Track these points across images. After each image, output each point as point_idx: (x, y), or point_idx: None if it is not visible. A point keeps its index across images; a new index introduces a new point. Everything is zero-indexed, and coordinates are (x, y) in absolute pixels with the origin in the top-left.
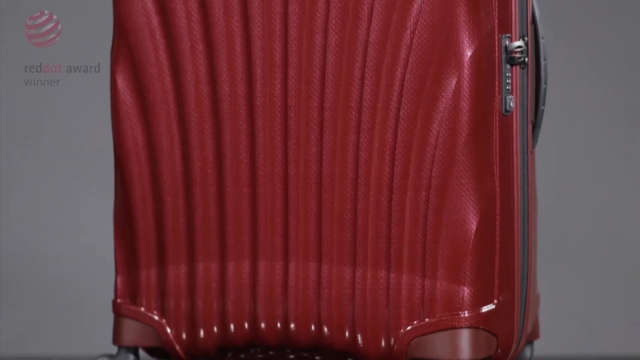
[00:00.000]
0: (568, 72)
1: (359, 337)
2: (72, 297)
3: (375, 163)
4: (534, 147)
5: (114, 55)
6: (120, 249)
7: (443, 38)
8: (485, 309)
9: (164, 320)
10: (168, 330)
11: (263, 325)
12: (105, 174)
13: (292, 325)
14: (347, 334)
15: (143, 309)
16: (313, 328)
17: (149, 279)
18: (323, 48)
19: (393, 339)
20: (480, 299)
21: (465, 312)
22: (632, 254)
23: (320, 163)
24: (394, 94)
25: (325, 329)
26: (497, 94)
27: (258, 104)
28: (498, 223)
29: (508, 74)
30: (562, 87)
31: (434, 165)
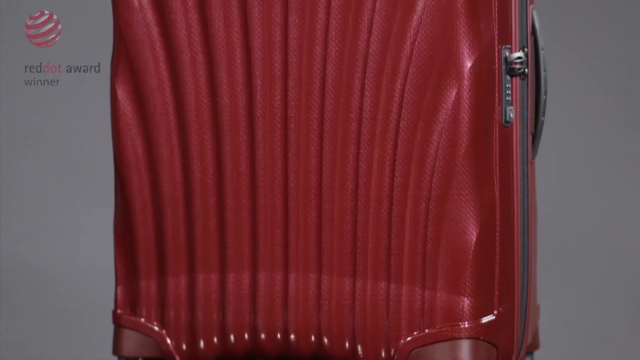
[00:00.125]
0: (567, 77)
1: (359, 347)
2: (72, 302)
3: (375, 174)
4: (534, 158)
5: (114, 66)
6: (120, 259)
7: (443, 49)
8: (485, 320)
9: (164, 331)
10: (168, 341)
11: (263, 336)
12: (105, 174)
13: (292, 336)
14: (347, 345)
15: (143, 320)
16: (313, 339)
17: (149, 290)
18: (323, 59)
19: (393, 350)
20: (480, 310)
21: (465, 322)
22: (631, 261)
23: (320, 174)
24: (394, 105)
25: (326, 340)
26: (497, 105)
27: (258, 115)
28: (498, 234)
29: (508, 85)
30: (561, 92)
31: (434, 177)
